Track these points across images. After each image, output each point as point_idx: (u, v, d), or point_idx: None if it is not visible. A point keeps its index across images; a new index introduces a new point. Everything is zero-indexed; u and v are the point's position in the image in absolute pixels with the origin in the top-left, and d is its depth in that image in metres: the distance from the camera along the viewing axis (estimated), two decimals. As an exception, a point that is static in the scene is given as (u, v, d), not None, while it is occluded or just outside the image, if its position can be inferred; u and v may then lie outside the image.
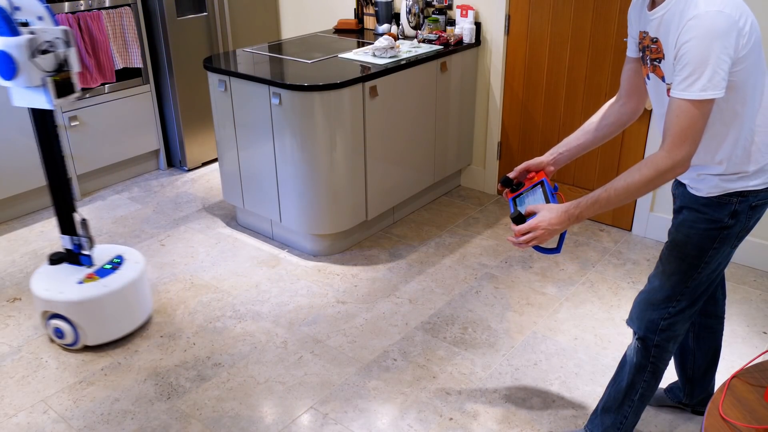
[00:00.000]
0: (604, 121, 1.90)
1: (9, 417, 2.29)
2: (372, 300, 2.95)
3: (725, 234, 1.69)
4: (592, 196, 1.61)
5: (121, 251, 2.80)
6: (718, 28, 1.43)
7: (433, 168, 3.72)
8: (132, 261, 2.73)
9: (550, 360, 2.56)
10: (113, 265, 2.69)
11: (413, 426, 2.24)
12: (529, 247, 1.68)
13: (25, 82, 2.26)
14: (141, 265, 2.72)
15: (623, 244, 3.41)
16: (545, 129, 3.67)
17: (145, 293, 2.74)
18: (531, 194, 1.82)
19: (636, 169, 1.55)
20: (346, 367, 2.53)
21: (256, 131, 3.19)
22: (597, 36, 3.30)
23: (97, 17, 3.68)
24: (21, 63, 2.23)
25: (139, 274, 2.68)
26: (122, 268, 2.67)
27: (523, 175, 1.91)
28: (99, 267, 2.68)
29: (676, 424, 2.25)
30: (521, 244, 1.66)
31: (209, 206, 3.87)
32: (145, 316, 2.75)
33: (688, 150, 1.50)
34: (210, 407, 2.34)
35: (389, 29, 3.86)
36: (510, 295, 2.98)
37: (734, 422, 1.39)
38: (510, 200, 1.87)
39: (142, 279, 2.70)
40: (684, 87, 1.47)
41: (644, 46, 1.68)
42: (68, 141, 3.79)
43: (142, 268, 2.71)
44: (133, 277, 2.65)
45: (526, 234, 1.65)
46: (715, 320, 2.08)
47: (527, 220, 1.67)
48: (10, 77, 2.25)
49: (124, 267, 2.68)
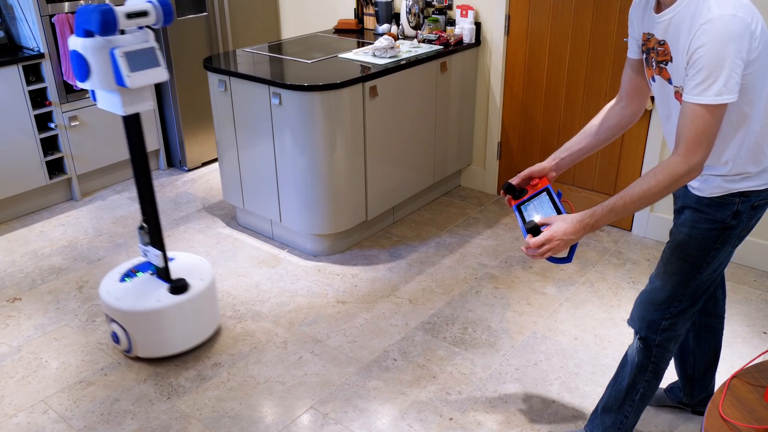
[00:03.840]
0: (605, 124, 1.89)
1: (9, 417, 2.29)
2: (372, 300, 2.95)
3: (727, 234, 1.69)
4: (608, 204, 1.59)
5: (192, 264, 2.66)
6: (732, 32, 1.42)
7: (433, 168, 3.72)
8: (197, 277, 2.58)
9: (550, 360, 2.56)
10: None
11: (413, 426, 2.24)
12: (544, 258, 1.66)
13: (98, 84, 2.18)
14: (206, 283, 2.57)
15: (623, 244, 3.41)
16: (545, 129, 3.67)
17: (205, 312, 2.59)
18: (536, 201, 1.79)
19: (651, 175, 1.54)
20: (346, 367, 2.53)
21: (256, 131, 3.19)
22: (597, 36, 3.30)
23: (97, 17, 3.67)
24: (93, 65, 2.13)
25: (201, 290, 2.53)
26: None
27: (525, 182, 1.88)
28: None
29: (676, 424, 2.25)
30: (536, 256, 1.64)
31: (209, 206, 3.87)
32: (206, 334, 2.63)
33: (703, 154, 1.50)
34: (210, 407, 2.34)
35: (389, 29, 3.86)
36: (510, 295, 2.98)
37: (734, 422, 1.39)
38: (514, 208, 1.84)
39: (204, 296, 2.56)
40: (699, 92, 1.47)
41: (649, 48, 1.67)
42: (68, 141, 3.79)
43: (207, 285, 2.57)
44: (193, 294, 2.51)
45: (542, 246, 1.62)
46: (716, 320, 2.08)
47: (541, 230, 1.65)
48: (83, 79, 2.18)
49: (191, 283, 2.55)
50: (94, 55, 2.12)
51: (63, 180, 3.88)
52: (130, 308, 2.45)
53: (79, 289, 3.05)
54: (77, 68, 2.17)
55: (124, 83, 2.15)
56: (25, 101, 3.54)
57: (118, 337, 2.52)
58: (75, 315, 2.86)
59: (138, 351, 2.53)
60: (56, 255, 3.35)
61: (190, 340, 2.58)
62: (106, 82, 2.17)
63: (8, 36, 3.70)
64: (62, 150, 3.79)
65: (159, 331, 2.49)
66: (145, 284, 2.55)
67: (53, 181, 3.81)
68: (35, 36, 3.56)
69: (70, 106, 3.74)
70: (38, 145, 3.66)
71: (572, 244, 1.65)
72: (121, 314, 2.46)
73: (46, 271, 3.20)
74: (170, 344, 2.54)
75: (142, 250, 2.57)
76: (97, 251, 3.38)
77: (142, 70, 2.17)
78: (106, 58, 2.13)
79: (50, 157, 3.75)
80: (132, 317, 2.46)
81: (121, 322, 2.48)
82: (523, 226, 1.72)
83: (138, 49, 2.17)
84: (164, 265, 2.54)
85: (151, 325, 2.47)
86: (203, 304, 2.57)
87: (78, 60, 2.14)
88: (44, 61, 3.58)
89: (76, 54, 2.14)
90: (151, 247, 2.53)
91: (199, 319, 2.58)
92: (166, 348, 2.54)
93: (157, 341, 2.51)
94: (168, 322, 2.48)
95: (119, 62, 2.12)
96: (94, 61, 2.12)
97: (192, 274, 2.61)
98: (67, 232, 3.59)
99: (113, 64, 2.14)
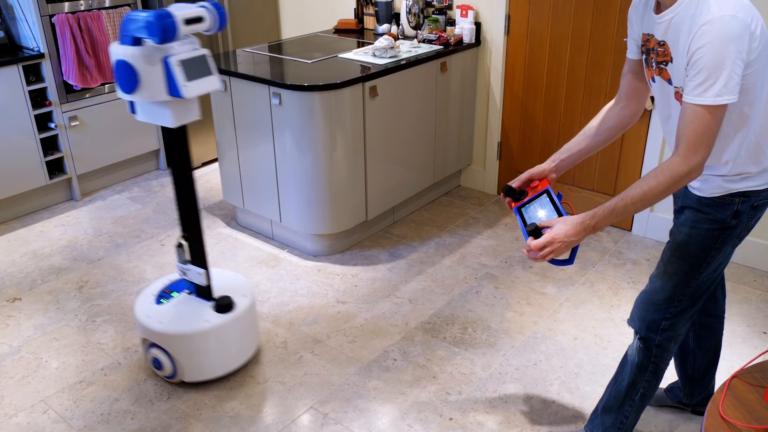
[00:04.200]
0: (605, 125, 1.89)
1: (9, 417, 2.29)
2: (372, 300, 2.95)
3: (727, 234, 1.69)
4: (608, 205, 1.59)
5: (229, 280, 2.56)
6: (732, 32, 1.42)
7: (433, 168, 3.72)
8: (239, 293, 2.48)
9: (550, 360, 2.56)
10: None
11: (413, 426, 2.24)
12: (545, 261, 1.66)
13: (147, 96, 2.01)
14: (249, 299, 2.47)
15: (623, 244, 3.41)
16: (545, 129, 3.67)
17: (250, 329, 2.50)
18: (537, 203, 1.79)
19: (652, 177, 1.54)
20: (346, 367, 2.53)
21: (256, 131, 3.19)
22: (597, 36, 3.30)
23: (97, 17, 3.68)
24: (144, 75, 1.97)
25: (247, 307, 2.44)
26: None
27: (525, 184, 1.88)
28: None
29: (676, 424, 2.25)
30: (538, 258, 1.64)
31: (209, 206, 3.87)
32: (250, 352, 2.53)
33: (703, 155, 1.50)
34: (210, 407, 2.34)
35: (389, 29, 3.86)
36: (510, 295, 2.98)
37: (734, 422, 1.39)
38: (515, 210, 1.84)
39: (249, 312, 2.46)
40: (699, 93, 1.47)
41: (649, 49, 1.67)
42: (68, 141, 3.79)
43: (251, 301, 2.47)
44: (239, 311, 2.40)
45: (543, 248, 1.62)
46: (716, 320, 2.08)
47: (542, 232, 1.65)
48: (130, 90, 2.00)
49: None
50: (146, 64, 1.96)
51: (63, 180, 3.88)
52: (176, 331, 2.30)
53: (79, 289, 3.05)
54: (123, 79, 2.00)
55: (179, 93, 1.99)
56: (25, 101, 3.54)
57: (161, 362, 2.37)
58: (75, 315, 2.86)
59: (184, 376, 2.38)
60: (56, 255, 3.35)
61: (237, 360, 2.46)
62: (157, 93, 2.01)
63: (8, 36, 3.70)
64: (62, 150, 3.79)
65: (207, 353, 2.36)
66: (186, 305, 2.41)
67: (53, 181, 3.81)
68: (35, 36, 3.56)
69: (70, 106, 3.75)
70: (38, 145, 3.66)
71: (574, 246, 1.65)
72: (167, 338, 2.31)
73: (46, 271, 3.20)
74: (219, 366, 2.41)
75: (181, 269, 2.42)
76: (97, 251, 3.38)
77: (197, 78, 2.04)
78: (158, 67, 1.98)
79: (50, 157, 3.75)
80: (179, 341, 2.31)
81: (165, 347, 2.33)
82: (524, 229, 1.72)
83: (192, 57, 2.03)
84: (208, 284, 2.40)
85: (199, 348, 2.34)
86: (248, 322, 2.47)
87: (125, 70, 1.97)
88: (44, 61, 3.58)
89: (123, 64, 1.97)
90: (192, 266, 2.38)
91: (245, 337, 2.47)
92: (214, 370, 2.41)
93: (206, 363, 2.38)
94: (217, 343, 2.36)
95: (175, 71, 1.97)
96: (144, 71, 1.97)
97: (232, 290, 2.49)
98: (67, 232, 3.59)
99: (167, 74, 1.98)
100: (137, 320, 2.39)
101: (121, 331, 2.75)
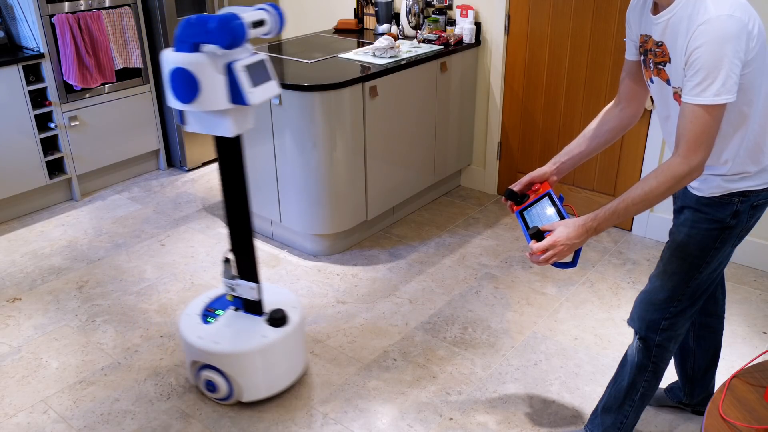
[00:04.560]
0: (604, 126, 1.89)
1: (9, 417, 2.29)
2: (372, 300, 2.95)
3: (727, 234, 1.69)
4: (609, 207, 1.59)
5: (272, 292, 2.48)
6: (730, 32, 1.42)
7: (433, 168, 3.72)
8: (288, 306, 2.40)
9: (550, 360, 2.56)
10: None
11: (413, 426, 2.24)
12: (549, 264, 1.65)
13: (207, 104, 1.88)
14: (299, 310, 2.39)
15: (623, 244, 3.41)
16: (545, 129, 3.67)
17: (302, 342, 2.43)
18: (538, 206, 1.79)
19: (652, 177, 1.54)
20: (346, 367, 2.53)
21: (256, 131, 3.19)
22: (597, 36, 3.30)
23: (97, 17, 3.68)
24: (205, 83, 1.84)
25: (300, 319, 2.37)
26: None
27: (527, 188, 1.88)
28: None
29: (676, 424, 2.25)
30: (541, 262, 1.64)
31: (209, 206, 3.88)
32: (302, 366, 2.44)
33: (703, 154, 1.50)
34: (210, 407, 2.34)
35: (389, 29, 3.86)
36: (510, 295, 2.98)
37: (734, 422, 1.39)
38: (517, 213, 1.83)
39: (302, 325, 2.40)
40: (697, 92, 1.47)
41: (647, 50, 1.67)
42: (68, 141, 3.79)
43: (301, 313, 2.40)
44: (294, 324, 2.32)
45: (546, 252, 1.62)
46: (716, 319, 2.08)
47: (544, 236, 1.64)
48: (189, 100, 1.87)
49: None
50: (208, 71, 1.83)
51: (63, 180, 3.88)
52: (235, 350, 2.20)
53: (79, 289, 3.05)
54: (181, 89, 1.86)
55: (244, 100, 1.88)
56: (25, 101, 3.55)
57: (216, 385, 2.26)
58: (75, 315, 2.86)
59: (242, 396, 2.29)
60: (56, 255, 3.35)
61: (291, 375, 2.37)
62: (219, 101, 1.88)
63: (8, 36, 3.70)
64: (62, 150, 3.79)
65: (265, 370, 2.27)
66: (237, 322, 2.31)
67: (53, 181, 3.81)
68: (35, 36, 3.56)
69: (70, 106, 3.75)
70: (38, 145, 3.66)
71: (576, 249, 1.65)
72: (225, 358, 2.21)
73: (46, 271, 3.20)
74: (277, 382, 2.33)
75: (228, 285, 2.32)
76: (97, 251, 3.38)
77: (261, 84, 1.93)
78: (221, 74, 1.85)
79: (50, 157, 3.75)
80: (238, 360, 2.21)
81: (222, 368, 2.22)
82: (527, 232, 1.71)
83: (254, 61, 1.92)
84: (259, 298, 2.32)
85: (258, 365, 2.24)
86: (301, 334, 2.40)
87: (184, 79, 1.84)
88: (44, 61, 3.58)
89: (182, 72, 1.83)
90: (241, 280, 2.29)
91: (299, 350, 2.40)
92: (272, 387, 2.32)
93: (265, 381, 2.29)
94: (276, 358, 2.28)
95: (240, 77, 1.86)
96: (206, 78, 1.84)
97: (280, 303, 2.40)
98: (67, 232, 3.59)
99: (230, 80, 1.87)
100: (188, 343, 2.27)
101: (121, 331, 2.75)
